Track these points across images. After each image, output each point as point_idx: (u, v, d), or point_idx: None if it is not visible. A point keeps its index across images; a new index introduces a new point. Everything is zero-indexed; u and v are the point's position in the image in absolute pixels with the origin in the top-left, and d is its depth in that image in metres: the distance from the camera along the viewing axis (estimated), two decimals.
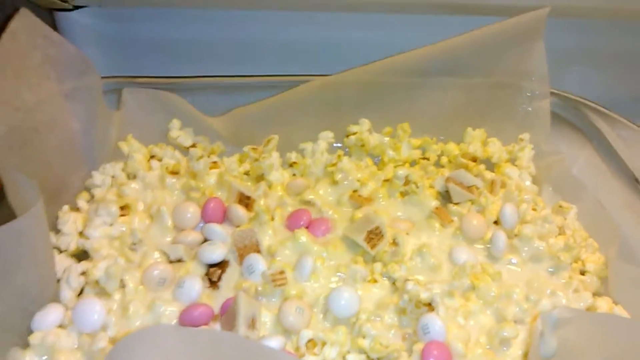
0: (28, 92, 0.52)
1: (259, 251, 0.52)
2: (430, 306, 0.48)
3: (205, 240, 0.53)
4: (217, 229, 0.53)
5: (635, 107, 0.69)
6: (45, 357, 0.44)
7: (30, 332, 0.45)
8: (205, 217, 0.55)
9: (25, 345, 0.45)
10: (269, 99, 0.64)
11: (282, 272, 0.49)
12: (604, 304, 0.50)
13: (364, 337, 0.45)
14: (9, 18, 0.51)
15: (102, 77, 0.60)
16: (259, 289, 0.49)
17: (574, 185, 0.61)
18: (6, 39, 0.50)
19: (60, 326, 0.46)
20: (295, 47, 0.69)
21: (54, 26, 0.67)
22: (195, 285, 0.49)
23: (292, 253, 0.52)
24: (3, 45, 0.50)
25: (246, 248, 0.52)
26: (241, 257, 0.52)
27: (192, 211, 0.55)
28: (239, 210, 0.55)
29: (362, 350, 0.45)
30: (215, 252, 0.51)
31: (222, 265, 0.51)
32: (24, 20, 0.52)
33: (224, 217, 0.56)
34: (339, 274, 0.51)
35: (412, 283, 0.48)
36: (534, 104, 0.65)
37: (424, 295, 0.48)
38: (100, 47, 0.68)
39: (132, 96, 0.62)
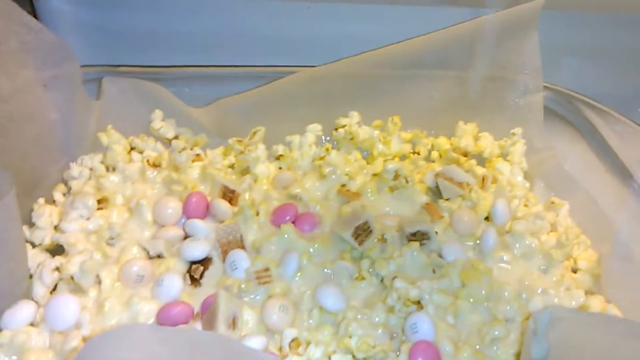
0: (4, 79, 0.51)
1: (243, 247, 0.50)
2: (419, 304, 0.46)
3: (187, 236, 0.52)
4: (200, 225, 0.52)
5: (629, 102, 0.68)
6: (14, 357, 0.43)
7: None
8: (187, 213, 0.53)
9: None
10: (254, 90, 0.63)
11: (266, 270, 0.48)
12: (596, 303, 0.49)
13: (350, 337, 0.44)
14: None
15: (82, 66, 0.59)
16: (242, 286, 0.47)
17: (567, 181, 0.60)
18: None
19: (32, 324, 0.44)
20: (281, 38, 0.68)
21: (33, 13, 0.65)
22: (175, 283, 0.47)
23: (277, 249, 0.51)
24: None
25: (230, 244, 0.50)
26: (224, 253, 0.50)
27: (173, 206, 0.53)
28: (222, 205, 0.53)
29: (348, 350, 0.44)
30: (198, 249, 0.50)
31: (204, 262, 0.50)
32: None
33: (207, 212, 0.54)
34: (325, 270, 0.50)
35: (400, 280, 0.47)
36: (526, 98, 0.64)
37: (413, 293, 0.46)
38: (80, 35, 0.66)
39: (112, 85, 0.60)
